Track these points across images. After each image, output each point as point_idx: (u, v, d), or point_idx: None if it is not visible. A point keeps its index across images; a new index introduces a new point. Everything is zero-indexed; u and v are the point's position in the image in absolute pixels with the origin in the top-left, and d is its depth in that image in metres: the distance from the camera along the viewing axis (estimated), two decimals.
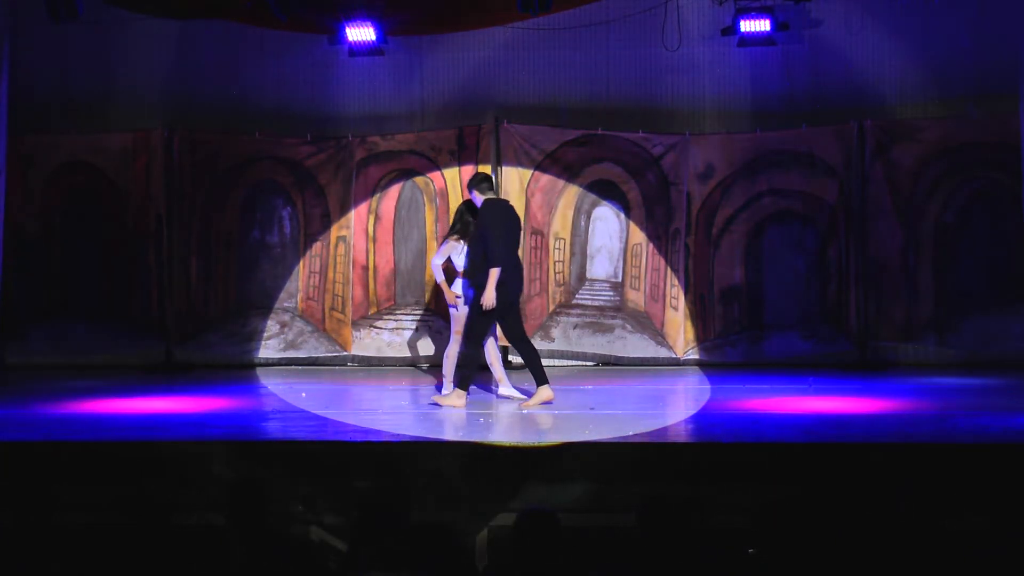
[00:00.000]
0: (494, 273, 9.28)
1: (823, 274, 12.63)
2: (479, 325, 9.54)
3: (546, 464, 7.57)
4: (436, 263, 10.10)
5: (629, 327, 12.84)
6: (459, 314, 9.98)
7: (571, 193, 12.85)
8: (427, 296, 13.00)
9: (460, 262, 10.01)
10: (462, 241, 9.95)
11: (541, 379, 9.56)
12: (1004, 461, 7.39)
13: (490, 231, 9.38)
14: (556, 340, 12.86)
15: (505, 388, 10.09)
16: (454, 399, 9.58)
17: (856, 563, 4.97)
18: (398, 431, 8.60)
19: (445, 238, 10.24)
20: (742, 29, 12.41)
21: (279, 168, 13.13)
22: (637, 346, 12.81)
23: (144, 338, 12.95)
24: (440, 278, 10.07)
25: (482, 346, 9.79)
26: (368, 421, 9.13)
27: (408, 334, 12.98)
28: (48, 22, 11.99)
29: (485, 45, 13.02)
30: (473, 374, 9.71)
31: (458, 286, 10.01)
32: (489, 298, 9.28)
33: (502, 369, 10.18)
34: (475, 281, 9.55)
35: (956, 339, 12.40)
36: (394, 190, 13.00)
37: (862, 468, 7.39)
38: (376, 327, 13.02)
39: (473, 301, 9.53)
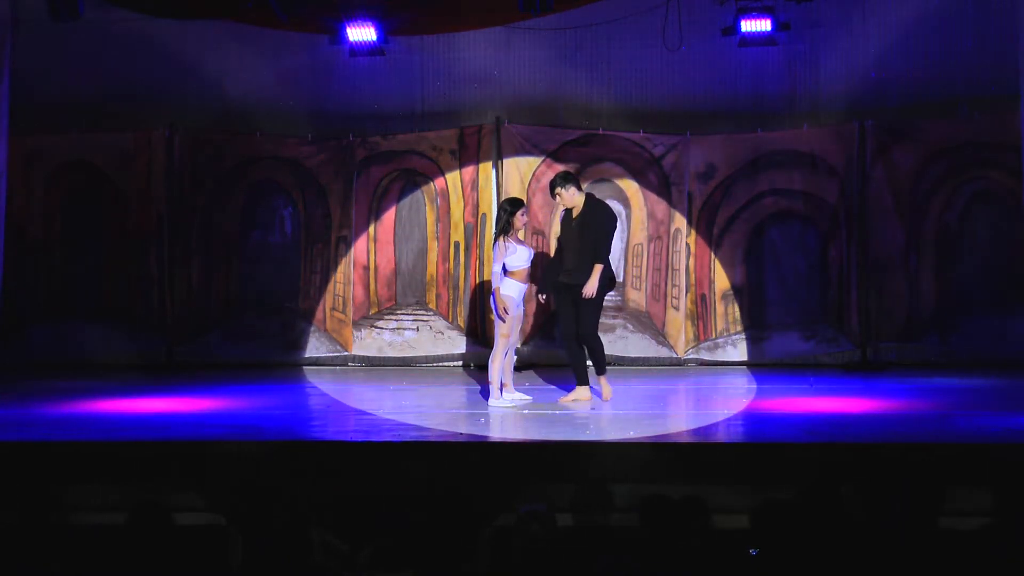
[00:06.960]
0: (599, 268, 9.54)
1: (824, 274, 12.63)
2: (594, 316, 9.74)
3: (546, 464, 7.57)
4: (496, 271, 9.49)
5: (630, 327, 12.84)
6: (507, 317, 9.54)
7: None
8: (428, 296, 12.99)
9: (513, 262, 9.47)
10: (511, 240, 9.49)
11: (582, 379, 9.82)
12: (1004, 461, 7.38)
13: (601, 228, 9.63)
14: (557, 340, 12.84)
15: (507, 395, 9.89)
16: (582, 393, 9.83)
17: (856, 563, 4.97)
18: (398, 431, 8.60)
19: (495, 241, 9.60)
20: (743, 29, 12.42)
21: (280, 168, 13.14)
22: (638, 346, 12.81)
23: (145, 338, 12.96)
24: (497, 284, 9.52)
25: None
26: (368, 421, 9.14)
27: (409, 334, 12.97)
28: (48, 22, 12.01)
29: (486, 45, 13.03)
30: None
31: (512, 288, 9.49)
32: (592, 288, 9.50)
33: (511, 377, 10.00)
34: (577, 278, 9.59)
35: (957, 339, 12.39)
36: (395, 190, 13.00)
37: (862, 468, 7.38)
38: (377, 327, 13.02)
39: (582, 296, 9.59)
